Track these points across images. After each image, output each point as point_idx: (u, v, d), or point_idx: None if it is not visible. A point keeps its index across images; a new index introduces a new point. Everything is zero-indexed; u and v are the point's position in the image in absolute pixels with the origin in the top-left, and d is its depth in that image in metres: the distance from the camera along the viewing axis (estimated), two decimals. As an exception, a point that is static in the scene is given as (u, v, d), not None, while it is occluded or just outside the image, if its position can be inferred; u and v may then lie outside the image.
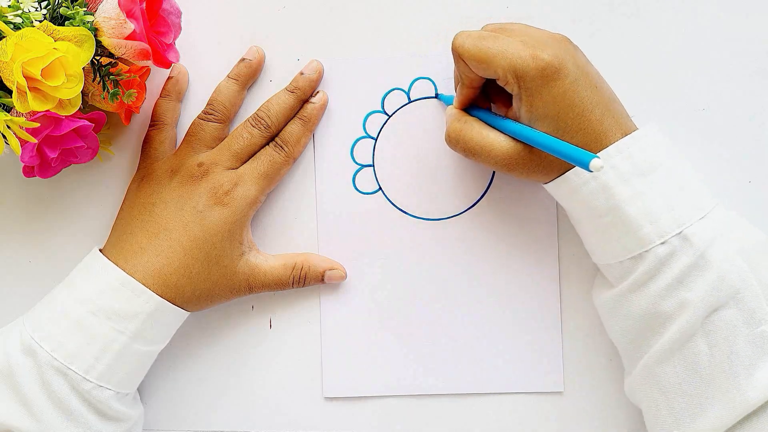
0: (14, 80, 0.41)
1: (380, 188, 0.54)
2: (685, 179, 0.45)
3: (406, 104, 0.54)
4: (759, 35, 0.53)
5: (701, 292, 0.43)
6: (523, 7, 0.53)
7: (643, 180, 0.44)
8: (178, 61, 0.49)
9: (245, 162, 0.52)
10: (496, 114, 0.48)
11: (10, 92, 0.42)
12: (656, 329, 0.45)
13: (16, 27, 0.43)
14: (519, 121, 0.46)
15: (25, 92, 0.42)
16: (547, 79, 0.44)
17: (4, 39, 0.42)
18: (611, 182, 0.44)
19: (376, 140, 0.54)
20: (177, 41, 0.49)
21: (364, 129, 0.54)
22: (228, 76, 0.53)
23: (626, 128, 0.45)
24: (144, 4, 0.45)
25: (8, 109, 0.45)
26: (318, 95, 0.53)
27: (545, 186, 0.48)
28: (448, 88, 0.53)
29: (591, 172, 0.40)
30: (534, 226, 0.53)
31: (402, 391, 0.54)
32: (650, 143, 0.45)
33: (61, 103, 0.44)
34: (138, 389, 0.53)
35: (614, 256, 0.46)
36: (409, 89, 0.54)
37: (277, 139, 0.53)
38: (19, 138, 0.44)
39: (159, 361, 0.53)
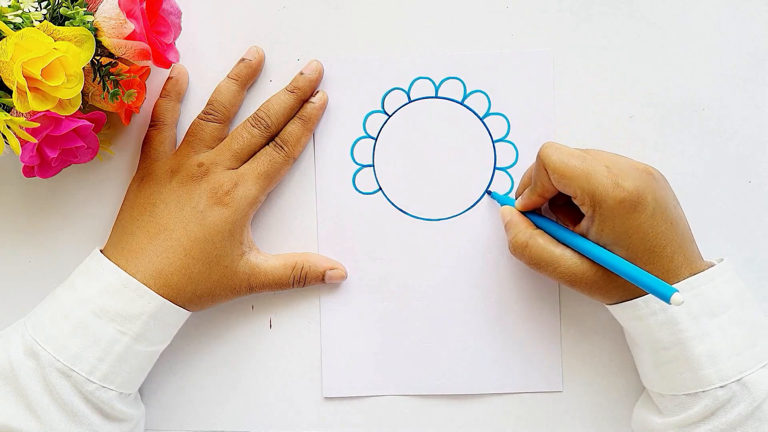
0: (14, 80, 0.41)
1: (380, 188, 0.54)
2: (751, 325, 0.45)
3: (406, 104, 0.54)
4: (759, 35, 0.53)
5: None
6: (523, 7, 0.53)
7: (711, 320, 0.44)
8: (178, 61, 0.49)
9: (245, 162, 0.52)
10: (565, 228, 0.48)
11: (10, 92, 0.42)
12: None
13: (16, 27, 0.43)
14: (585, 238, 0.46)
15: (25, 92, 0.42)
16: (624, 210, 0.44)
17: (4, 39, 0.42)
18: (680, 318, 0.44)
19: (376, 140, 0.54)
20: (177, 41, 0.49)
21: (364, 129, 0.54)
22: (228, 76, 0.53)
23: (695, 268, 0.45)
24: (144, 4, 0.45)
25: (8, 109, 0.45)
26: (318, 95, 0.53)
27: (608, 306, 0.48)
28: (448, 87, 0.53)
29: (670, 305, 0.40)
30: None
31: (402, 391, 0.54)
32: (722, 283, 0.45)
33: (61, 103, 0.44)
34: (138, 389, 0.53)
35: (671, 388, 0.46)
36: (409, 89, 0.54)
37: (277, 139, 0.53)
38: (19, 138, 0.44)
39: (159, 361, 0.53)
